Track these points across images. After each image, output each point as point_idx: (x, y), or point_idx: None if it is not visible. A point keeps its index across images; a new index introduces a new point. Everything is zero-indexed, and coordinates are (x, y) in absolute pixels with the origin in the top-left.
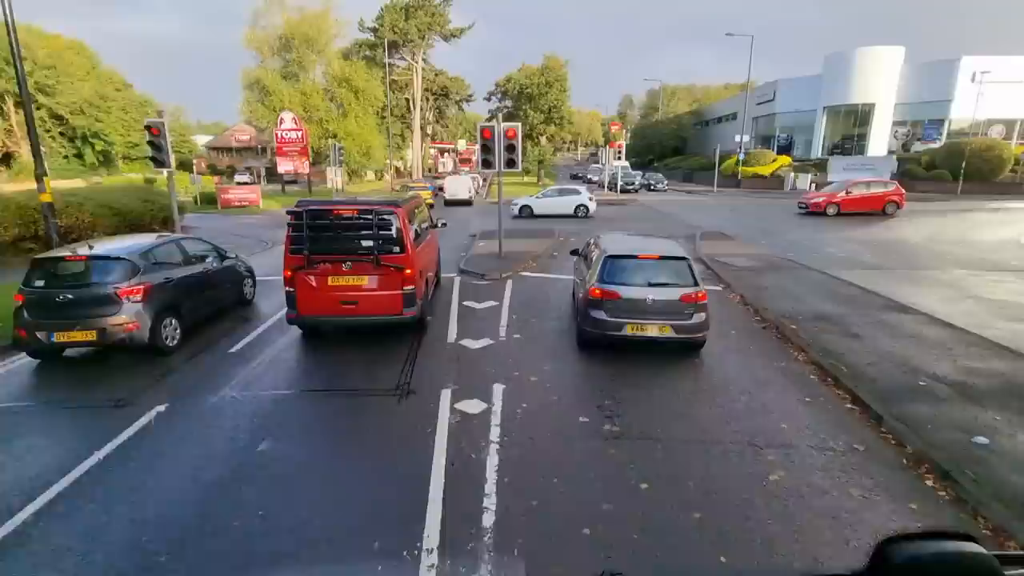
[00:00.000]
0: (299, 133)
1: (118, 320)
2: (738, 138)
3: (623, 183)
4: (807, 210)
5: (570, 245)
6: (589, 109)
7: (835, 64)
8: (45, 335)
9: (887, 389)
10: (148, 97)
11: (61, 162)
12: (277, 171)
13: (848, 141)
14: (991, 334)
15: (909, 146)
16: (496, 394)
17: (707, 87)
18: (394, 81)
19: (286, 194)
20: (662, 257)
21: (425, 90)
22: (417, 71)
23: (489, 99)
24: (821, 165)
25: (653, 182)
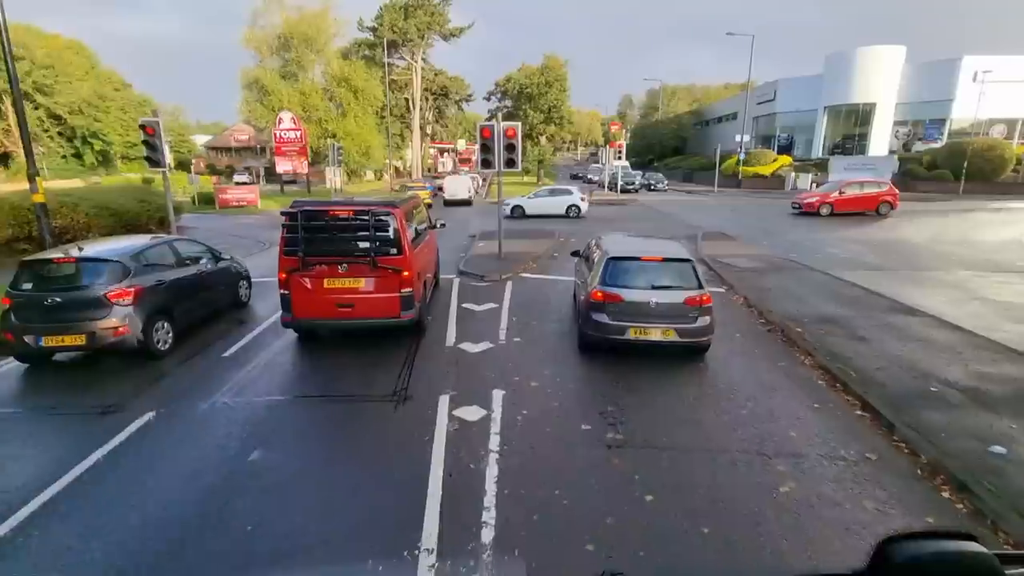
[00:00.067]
0: (298, 133)
1: (108, 324)
2: (738, 138)
3: (623, 183)
4: (800, 210)
5: (570, 246)
6: (589, 109)
7: (836, 64)
8: (33, 339)
9: (898, 395)
10: (147, 97)
11: (59, 162)
12: (276, 171)
13: (849, 141)
14: (1000, 337)
15: (910, 146)
16: (496, 400)
17: (707, 87)
18: (393, 81)
19: (285, 194)
20: (666, 259)
21: (425, 90)
22: (416, 71)
23: (489, 99)
24: (822, 165)
25: (653, 182)
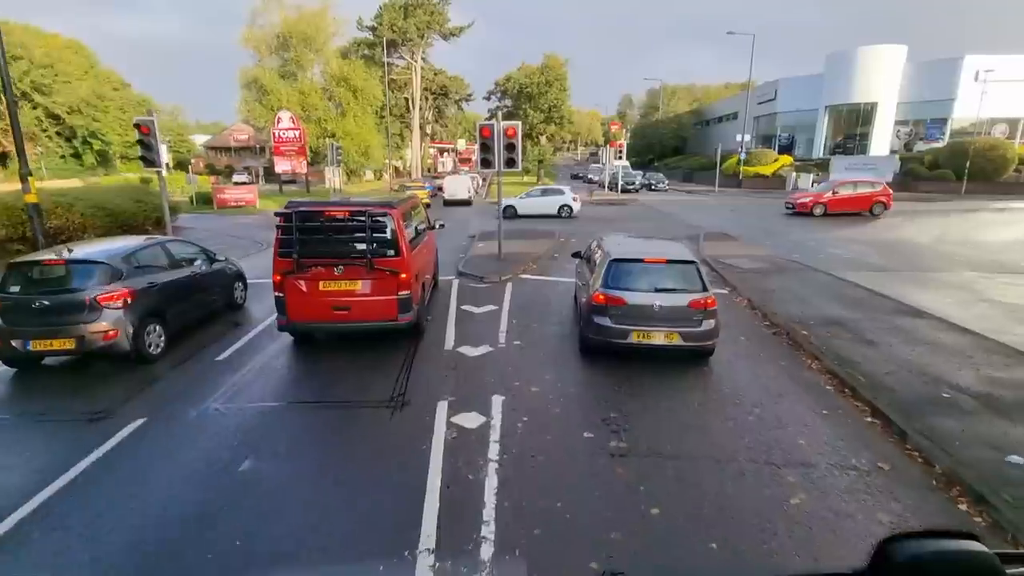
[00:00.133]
0: (297, 132)
1: (97, 328)
2: (739, 137)
3: (624, 183)
4: (794, 210)
5: (571, 247)
6: (589, 109)
7: (837, 63)
8: (21, 343)
9: (908, 401)
10: (147, 97)
11: (58, 162)
12: (275, 171)
13: (850, 140)
14: (1010, 340)
15: (912, 145)
16: (495, 406)
17: (707, 87)
18: (393, 80)
19: (283, 194)
20: (669, 261)
21: (424, 89)
22: (416, 70)
23: (489, 98)
24: (823, 165)
25: (654, 182)
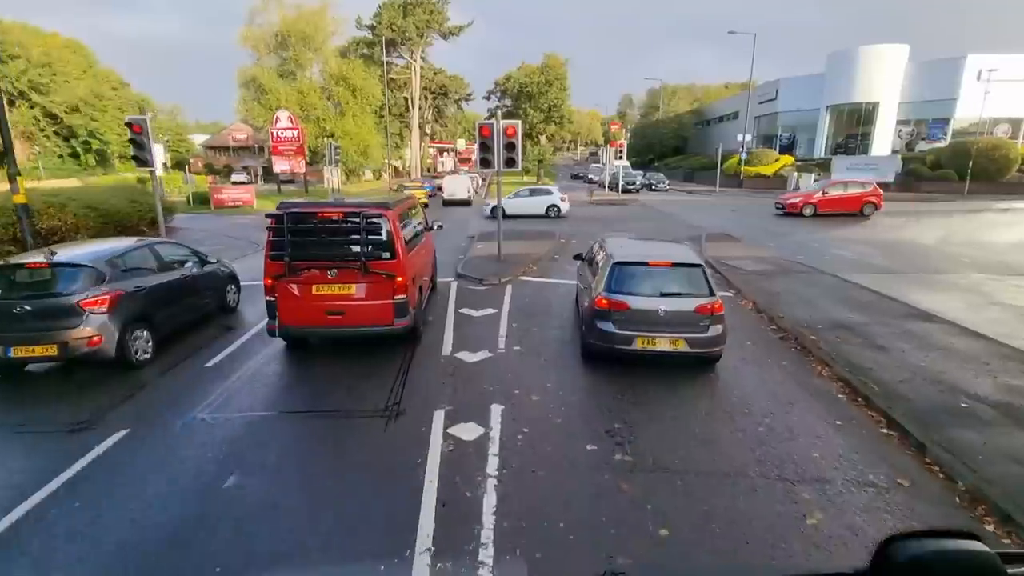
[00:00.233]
0: (295, 132)
1: (81, 333)
2: (740, 137)
3: (624, 183)
4: (784, 211)
5: (571, 248)
6: (589, 109)
7: (838, 62)
8: (2, 350)
9: (925, 411)
10: (145, 96)
11: (56, 161)
12: (273, 170)
13: (852, 140)
14: None
15: (913, 145)
16: (494, 416)
17: (707, 87)
18: (392, 79)
19: (282, 194)
20: (675, 264)
21: (424, 89)
22: (415, 69)
23: (488, 98)
24: (824, 165)
25: (654, 182)
